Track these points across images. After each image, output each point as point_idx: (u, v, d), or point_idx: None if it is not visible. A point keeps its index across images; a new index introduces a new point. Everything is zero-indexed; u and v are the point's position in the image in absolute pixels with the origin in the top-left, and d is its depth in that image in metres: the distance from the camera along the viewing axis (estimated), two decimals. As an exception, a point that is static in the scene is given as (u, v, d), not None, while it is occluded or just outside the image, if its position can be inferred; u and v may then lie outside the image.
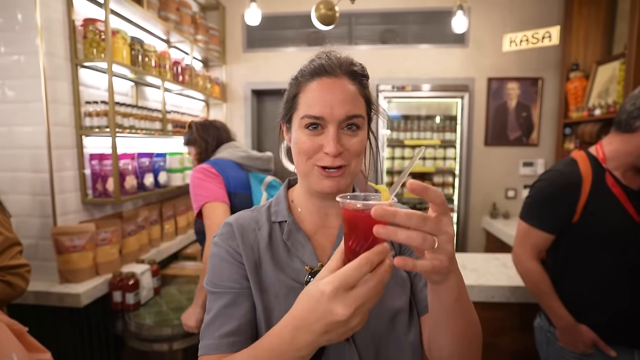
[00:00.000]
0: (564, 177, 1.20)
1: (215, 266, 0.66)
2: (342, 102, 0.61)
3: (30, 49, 1.59)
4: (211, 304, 0.64)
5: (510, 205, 3.35)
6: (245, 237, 0.67)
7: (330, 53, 0.66)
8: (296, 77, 0.66)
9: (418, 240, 0.41)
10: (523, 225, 1.28)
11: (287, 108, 0.67)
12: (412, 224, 0.41)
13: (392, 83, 3.27)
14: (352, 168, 0.64)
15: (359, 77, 0.65)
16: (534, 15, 3.14)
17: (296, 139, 0.64)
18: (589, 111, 2.68)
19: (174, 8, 2.49)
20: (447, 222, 0.43)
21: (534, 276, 1.26)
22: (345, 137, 0.62)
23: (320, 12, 1.93)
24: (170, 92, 2.70)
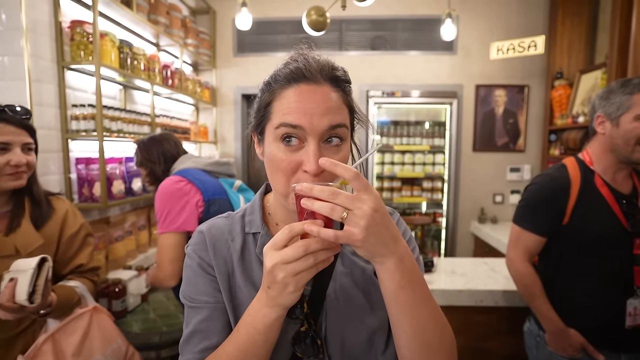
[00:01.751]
0: (554, 181, 1.23)
1: (189, 279, 0.63)
2: (324, 111, 0.54)
3: (15, 50, 1.56)
4: (189, 318, 0.61)
5: (498, 210, 3.41)
6: (217, 248, 0.63)
7: (308, 55, 0.58)
8: (269, 83, 0.59)
9: (326, 210, 0.45)
10: (516, 228, 1.31)
11: (259, 117, 0.59)
12: (324, 196, 0.45)
13: (382, 89, 3.30)
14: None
15: (342, 83, 0.58)
16: (520, 24, 3.22)
17: (270, 155, 0.56)
18: (573, 118, 2.76)
19: (163, 11, 2.47)
20: (364, 200, 0.45)
21: (526, 279, 1.28)
22: (327, 151, 0.55)
23: (311, 17, 1.94)
24: (159, 96, 2.67)
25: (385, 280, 0.50)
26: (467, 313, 1.64)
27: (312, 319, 0.59)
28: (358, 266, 0.64)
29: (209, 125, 3.36)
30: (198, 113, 3.39)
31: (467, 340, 1.65)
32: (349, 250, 0.65)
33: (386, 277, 0.50)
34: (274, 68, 0.61)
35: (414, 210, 3.68)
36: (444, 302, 1.63)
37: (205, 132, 3.22)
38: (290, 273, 0.46)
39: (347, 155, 0.59)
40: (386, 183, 3.53)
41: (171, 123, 2.57)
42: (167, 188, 1.38)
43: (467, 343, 1.66)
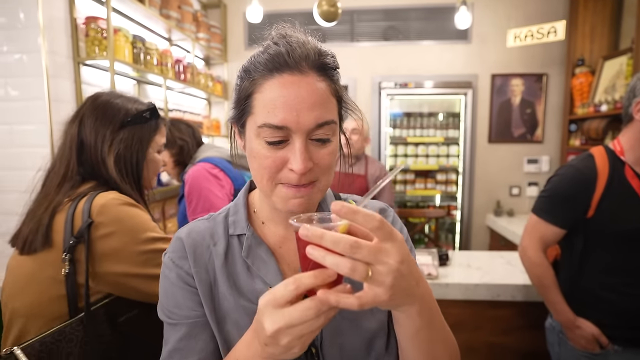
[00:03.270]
0: (579, 172, 1.18)
1: (167, 291, 0.57)
2: (311, 106, 0.48)
3: (33, 47, 1.59)
4: (167, 335, 0.56)
5: (515, 203, 3.33)
6: (198, 255, 0.57)
7: (291, 37, 0.51)
8: (248, 71, 0.52)
9: (345, 269, 0.37)
10: (534, 218, 1.28)
11: (239, 110, 0.54)
12: (340, 249, 0.36)
13: (394, 80, 3.24)
14: (323, 184, 0.54)
15: (330, 70, 0.52)
16: (538, 10, 3.10)
17: (254, 151, 0.52)
18: (595, 107, 2.65)
19: (175, 6, 2.48)
20: (389, 252, 0.38)
21: (538, 269, 1.25)
22: (314, 148, 0.51)
23: (322, 8, 1.91)
24: (172, 91, 2.69)
25: (404, 325, 0.46)
26: (483, 307, 1.62)
27: None
28: None
29: (221, 119, 3.37)
30: (210, 107, 3.41)
31: (483, 335, 1.63)
32: None
33: (406, 323, 0.46)
34: None
35: (427, 203, 3.64)
36: (460, 296, 1.60)
37: (217, 126, 3.23)
38: (297, 336, 0.40)
39: (336, 150, 0.54)
40: (399, 176, 3.49)
41: (184, 117, 2.60)
42: (201, 173, 1.35)
43: (483, 338, 1.63)
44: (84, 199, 0.84)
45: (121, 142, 0.91)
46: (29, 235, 0.83)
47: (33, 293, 0.82)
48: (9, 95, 1.63)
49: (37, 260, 0.83)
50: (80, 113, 0.92)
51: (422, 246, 3.37)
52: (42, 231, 0.82)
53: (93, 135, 0.90)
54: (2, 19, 1.60)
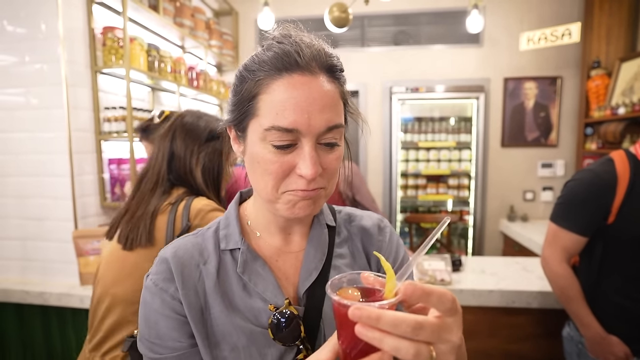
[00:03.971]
0: (598, 177, 1.14)
1: (148, 320, 0.51)
2: (322, 108, 0.46)
3: (53, 57, 1.64)
4: None
5: (529, 208, 3.27)
6: (186, 276, 0.51)
7: (297, 37, 0.48)
8: (251, 70, 0.48)
9: (408, 354, 0.32)
10: (553, 226, 1.23)
11: (240, 112, 0.50)
12: (401, 332, 0.32)
13: (405, 85, 3.23)
14: (328, 191, 0.51)
15: (338, 72, 0.51)
16: (551, 13, 3.06)
17: (258, 156, 0.48)
18: (612, 110, 2.59)
19: (188, 14, 2.53)
20: (452, 327, 0.34)
21: (561, 280, 1.20)
22: (323, 153, 0.48)
23: (333, 14, 1.93)
24: (185, 97, 2.74)
25: None
26: (498, 314, 1.59)
27: (309, 342, 0.51)
28: None
29: (233, 125, 3.41)
30: (222, 113, 3.46)
31: (497, 343, 1.60)
32: (343, 263, 0.58)
33: None
34: None
35: (439, 208, 3.60)
36: (474, 302, 1.58)
37: (229, 131, 3.27)
38: None
39: (342, 155, 0.52)
40: (410, 180, 3.47)
41: (197, 123, 2.64)
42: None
43: (498, 345, 1.60)
44: (182, 203, 0.99)
45: (206, 156, 1.05)
46: (131, 233, 0.97)
47: (135, 282, 0.95)
48: (30, 104, 1.69)
49: (139, 255, 0.97)
50: (172, 129, 1.07)
51: (435, 251, 3.33)
52: (145, 230, 0.96)
53: (183, 148, 1.04)
54: (24, 30, 1.66)
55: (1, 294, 1.68)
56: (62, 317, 1.69)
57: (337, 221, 0.62)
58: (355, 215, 0.64)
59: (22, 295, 1.67)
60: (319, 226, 0.58)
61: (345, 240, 0.61)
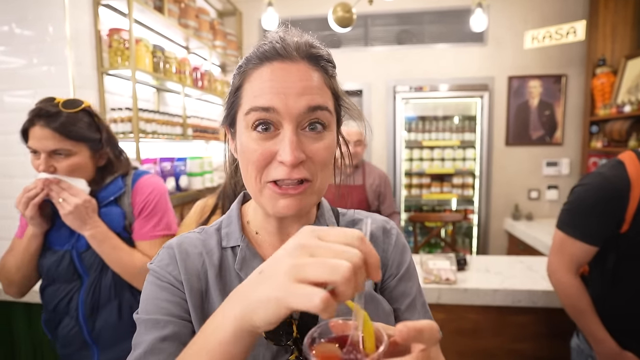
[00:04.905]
0: (608, 181, 1.04)
1: (149, 295, 0.51)
2: (301, 91, 0.46)
3: (60, 59, 1.66)
4: (142, 336, 0.48)
5: (534, 207, 3.25)
6: (189, 262, 0.53)
7: (285, 33, 0.50)
8: (240, 65, 0.52)
9: None
10: (559, 234, 1.14)
11: (229, 105, 0.52)
12: None
13: (409, 84, 3.23)
14: (318, 184, 0.49)
15: (324, 61, 0.50)
16: (556, 11, 3.05)
17: (242, 146, 0.49)
18: (618, 108, 2.58)
19: (193, 15, 2.54)
20: (436, 354, 0.37)
21: (570, 292, 1.11)
22: (307, 140, 0.47)
23: (337, 14, 1.93)
24: (190, 98, 2.76)
25: None
26: (503, 313, 1.59)
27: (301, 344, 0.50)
28: None
29: (237, 125, 3.43)
30: (226, 113, 3.47)
31: (502, 342, 1.60)
32: None
33: None
34: None
35: (444, 207, 3.59)
36: (479, 301, 1.58)
37: (233, 131, 3.29)
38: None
39: (333, 147, 0.50)
40: (415, 180, 3.46)
41: (201, 124, 2.65)
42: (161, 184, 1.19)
43: (502, 344, 1.60)
44: None
45: None
46: None
47: None
48: (38, 105, 1.71)
49: None
50: None
51: (439, 250, 3.32)
52: None
53: None
54: (32, 33, 1.68)
55: (11, 293, 1.70)
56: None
57: (339, 224, 0.61)
58: (359, 219, 0.63)
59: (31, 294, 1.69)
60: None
61: None
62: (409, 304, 0.58)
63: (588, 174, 1.14)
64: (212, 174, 2.65)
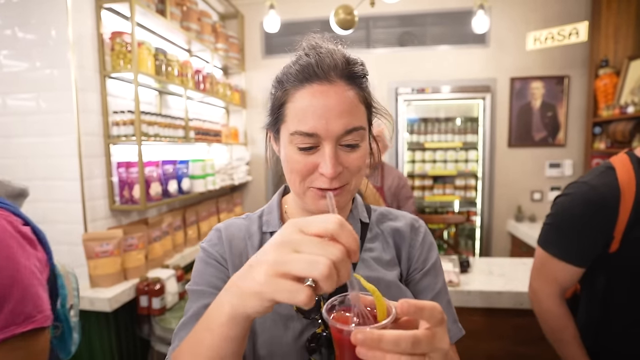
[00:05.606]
0: (594, 191, 0.89)
1: (198, 270, 0.60)
2: (339, 114, 0.51)
3: (63, 62, 1.67)
4: (190, 304, 0.58)
5: (537, 208, 3.24)
6: (234, 244, 0.61)
7: (321, 48, 0.54)
8: (280, 81, 0.56)
9: None
10: (540, 252, 1.01)
11: (274, 118, 0.58)
12: (402, 349, 0.34)
13: (411, 86, 3.23)
14: (352, 186, 0.57)
15: (358, 78, 0.55)
16: (558, 12, 3.04)
17: (287, 156, 0.55)
18: (621, 109, 2.57)
19: (195, 18, 2.55)
20: (442, 336, 0.37)
21: (553, 321, 0.97)
22: (344, 153, 0.54)
23: (339, 16, 1.93)
24: (192, 100, 2.76)
25: None
26: (507, 316, 1.57)
27: None
28: (379, 272, 0.61)
29: (239, 127, 3.44)
30: (229, 115, 3.48)
31: (506, 345, 1.59)
32: (370, 256, 0.63)
33: None
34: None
35: (446, 209, 3.58)
36: (482, 303, 1.57)
37: (235, 134, 3.29)
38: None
39: (366, 154, 0.57)
40: (417, 181, 3.45)
41: (203, 126, 2.66)
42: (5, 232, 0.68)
43: (506, 347, 1.59)
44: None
45: None
46: None
47: None
48: (40, 108, 1.72)
49: None
50: None
51: (442, 252, 3.31)
52: None
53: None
54: (35, 37, 1.69)
55: (13, 296, 1.70)
56: (72, 318, 1.71)
57: (370, 219, 0.67)
58: (389, 216, 0.69)
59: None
60: (352, 220, 0.65)
61: (376, 237, 0.66)
62: (432, 298, 0.62)
63: (573, 182, 0.98)
64: (214, 176, 2.65)
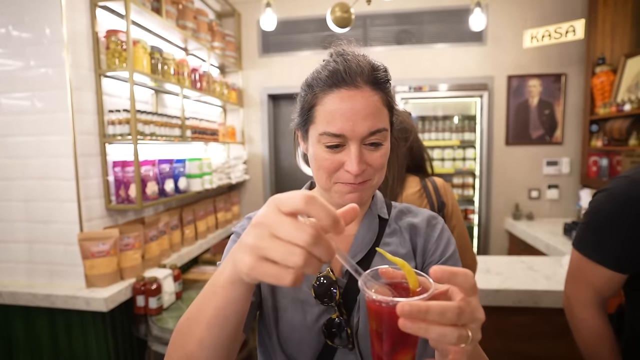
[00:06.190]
0: (635, 185, 0.80)
1: (228, 249, 0.64)
2: (365, 117, 0.57)
3: (57, 61, 1.65)
4: None
5: (534, 206, 3.24)
6: None
7: (347, 55, 0.60)
8: (311, 85, 0.61)
9: (453, 338, 0.35)
10: (576, 255, 0.91)
11: (303, 119, 0.63)
12: (447, 319, 0.35)
13: (408, 84, 3.22)
14: (375, 182, 0.62)
15: (382, 84, 0.60)
16: (555, 10, 3.04)
17: (315, 154, 0.61)
18: (618, 106, 2.57)
19: (191, 16, 2.54)
20: (477, 306, 0.38)
21: (587, 331, 0.87)
22: (368, 152, 0.59)
23: (335, 14, 1.92)
24: (188, 99, 2.75)
25: None
26: (504, 314, 1.58)
27: (345, 308, 0.61)
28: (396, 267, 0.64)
29: (237, 126, 3.42)
30: (226, 114, 3.47)
31: (504, 343, 1.59)
32: (388, 250, 0.66)
33: None
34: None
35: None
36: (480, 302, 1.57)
37: (233, 132, 3.28)
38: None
39: (387, 152, 0.62)
40: (414, 180, 3.45)
41: (200, 125, 2.65)
42: None
43: (504, 345, 1.59)
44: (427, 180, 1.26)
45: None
46: None
47: None
48: (35, 108, 1.70)
49: None
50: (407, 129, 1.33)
51: (439, 251, 3.30)
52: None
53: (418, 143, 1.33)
54: (29, 35, 1.67)
55: (8, 296, 1.69)
56: (68, 319, 1.70)
57: (390, 215, 0.71)
58: (408, 212, 0.72)
59: (28, 297, 1.68)
60: (371, 215, 0.69)
61: (394, 232, 0.69)
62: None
63: (613, 178, 0.90)
64: (211, 175, 2.64)
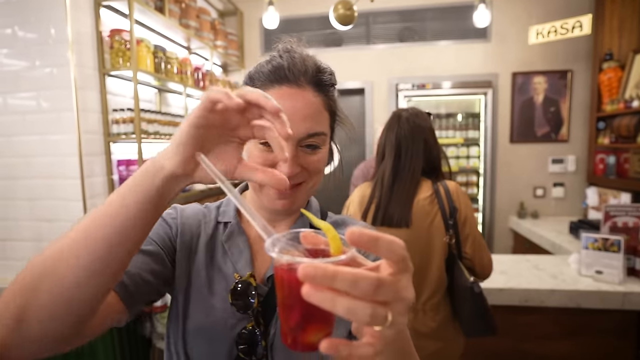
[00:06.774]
0: None
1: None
2: (304, 117, 0.53)
3: (62, 61, 1.66)
4: None
5: (539, 205, 3.21)
6: (188, 222, 0.63)
7: (294, 52, 0.57)
8: (252, 78, 0.58)
9: (365, 316, 0.27)
10: None
11: None
12: (360, 291, 0.27)
13: (411, 81, 3.21)
14: (311, 185, 0.58)
15: (326, 87, 0.57)
16: (561, 4, 3.00)
17: (249, 151, 0.56)
18: (626, 103, 2.54)
19: (194, 15, 2.54)
20: (407, 284, 0.30)
21: None
22: (304, 154, 0.55)
23: (338, 12, 1.92)
24: (191, 98, 2.76)
25: None
26: (510, 313, 1.57)
27: (263, 318, 0.56)
28: None
29: (240, 125, 3.42)
30: (229, 113, 3.47)
31: (509, 342, 1.58)
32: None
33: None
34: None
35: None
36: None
37: (236, 131, 3.28)
38: None
39: (325, 158, 0.59)
40: (418, 178, 3.44)
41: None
42: None
43: (509, 344, 1.58)
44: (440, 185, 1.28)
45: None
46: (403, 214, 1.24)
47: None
48: (40, 107, 1.71)
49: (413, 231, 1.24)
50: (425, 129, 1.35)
51: (443, 249, 3.29)
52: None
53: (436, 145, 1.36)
54: (35, 35, 1.68)
55: (15, 294, 1.71)
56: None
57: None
58: (343, 225, 0.67)
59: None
60: (301, 223, 0.65)
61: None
62: None
63: None
64: (214, 174, 2.65)
